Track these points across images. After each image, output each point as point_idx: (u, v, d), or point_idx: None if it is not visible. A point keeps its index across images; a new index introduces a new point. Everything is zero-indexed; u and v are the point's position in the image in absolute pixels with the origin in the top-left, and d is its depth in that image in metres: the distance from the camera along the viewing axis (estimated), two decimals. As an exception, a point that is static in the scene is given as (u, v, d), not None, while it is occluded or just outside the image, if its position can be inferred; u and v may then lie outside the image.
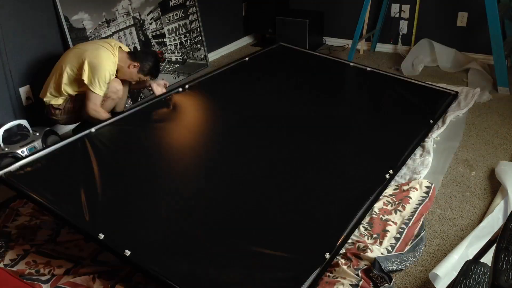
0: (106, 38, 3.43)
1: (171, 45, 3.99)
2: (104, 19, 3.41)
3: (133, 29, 3.64)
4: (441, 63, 4.13)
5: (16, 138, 2.85)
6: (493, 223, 2.17)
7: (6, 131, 2.82)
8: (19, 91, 3.02)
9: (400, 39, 4.53)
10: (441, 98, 3.43)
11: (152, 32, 3.81)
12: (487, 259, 1.47)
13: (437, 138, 2.97)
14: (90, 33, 3.33)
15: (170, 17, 3.95)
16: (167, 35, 3.95)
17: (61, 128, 3.29)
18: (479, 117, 3.25)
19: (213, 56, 4.60)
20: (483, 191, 2.49)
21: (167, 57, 3.95)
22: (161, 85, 3.22)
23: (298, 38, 4.59)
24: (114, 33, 3.49)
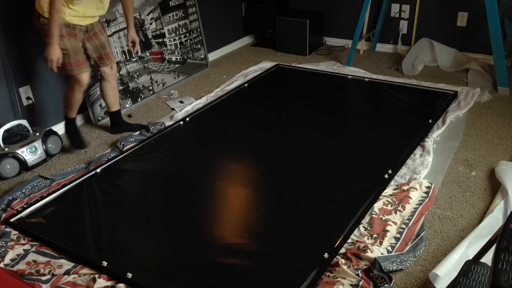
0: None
1: (171, 45, 3.99)
2: (104, 19, 3.40)
3: (133, 29, 3.64)
4: (441, 63, 4.13)
5: (16, 138, 2.85)
6: (493, 223, 2.17)
7: (6, 131, 2.83)
8: (19, 91, 3.02)
9: (400, 39, 4.53)
10: (440, 98, 3.44)
11: (152, 32, 3.81)
12: (487, 259, 1.47)
13: (437, 138, 2.97)
14: (90, 33, 3.33)
15: (170, 17, 3.95)
16: (167, 35, 3.95)
17: (62, 128, 3.29)
18: (479, 117, 3.25)
19: (213, 56, 4.60)
20: (483, 191, 2.49)
21: (167, 57, 3.95)
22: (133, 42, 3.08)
23: (298, 38, 4.59)
24: (114, 33, 3.49)
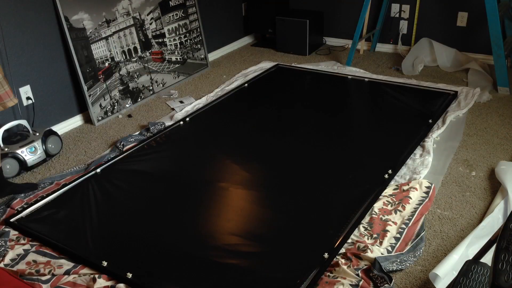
0: (106, 38, 3.43)
1: (171, 45, 3.99)
2: (104, 19, 3.41)
3: (133, 29, 3.64)
4: (441, 63, 4.13)
5: (16, 138, 2.85)
6: (493, 223, 2.17)
7: (6, 131, 2.82)
8: (19, 91, 3.02)
9: (400, 39, 4.53)
10: (440, 98, 3.44)
11: (152, 32, 3.81)
12: (487, 259, 1.47)
13: (437, 138, 2.97)
14: (90, 33, 3.32)
15: (170, 17, 3.95)
16: (167, 35, 3.95)
17: (61, 128, 3.29)
18: (479, 117, 3.25)
19: (213, 56, 4.60)
20: (483, 191, 2.49)
21: (167, 57, 3.95)
22: None
23: (298, 38, 4.59)
24: (114, 33, 3.49)
